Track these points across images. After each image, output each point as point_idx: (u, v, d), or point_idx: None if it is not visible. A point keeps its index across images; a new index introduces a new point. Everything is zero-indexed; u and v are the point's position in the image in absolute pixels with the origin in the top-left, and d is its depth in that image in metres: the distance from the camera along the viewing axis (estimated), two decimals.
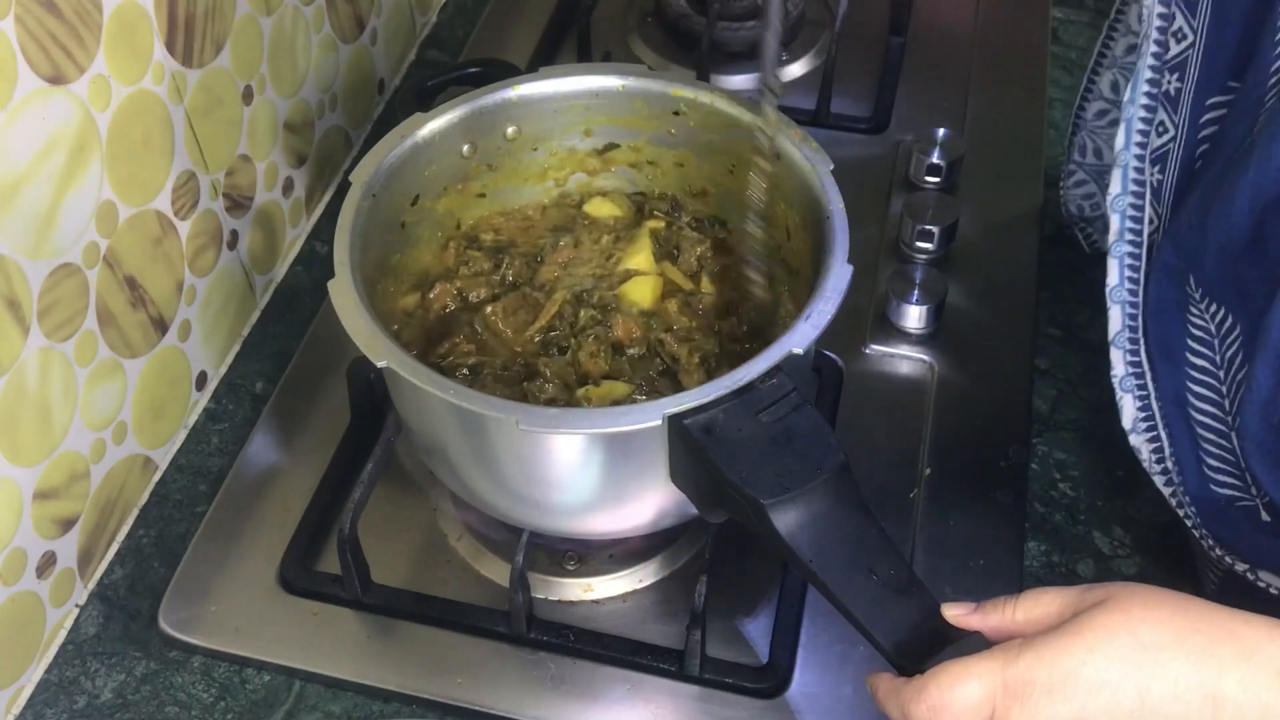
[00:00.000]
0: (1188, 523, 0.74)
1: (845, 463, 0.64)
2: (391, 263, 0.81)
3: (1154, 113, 0.75)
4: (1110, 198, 0.76)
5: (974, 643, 0.59)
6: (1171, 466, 0.75)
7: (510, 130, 0.85)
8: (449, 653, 0.77)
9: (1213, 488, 0.71)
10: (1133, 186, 0.76)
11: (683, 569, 0.80)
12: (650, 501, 0.72)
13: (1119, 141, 0.76)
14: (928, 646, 0.60)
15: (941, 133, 1.01)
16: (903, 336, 0.92)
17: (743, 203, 0.84)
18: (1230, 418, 0.70)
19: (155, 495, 0.86)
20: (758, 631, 0.77)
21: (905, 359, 0.91)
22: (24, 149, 0.68)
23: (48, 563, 0.77)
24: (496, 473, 0.72)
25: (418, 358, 0.70)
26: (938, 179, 1.01)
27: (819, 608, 0.77)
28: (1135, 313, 0.76)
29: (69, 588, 0.79)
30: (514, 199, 0.88)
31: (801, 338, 0.68)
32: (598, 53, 1.13)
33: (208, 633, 0.78)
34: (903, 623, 0.61)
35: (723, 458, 0.64)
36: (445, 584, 0.80)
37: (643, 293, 0.81)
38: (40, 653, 0.78)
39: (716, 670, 0.75)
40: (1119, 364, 0.76)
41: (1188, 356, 0.73)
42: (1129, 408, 0.76)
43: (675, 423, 0.65)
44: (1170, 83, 0.74)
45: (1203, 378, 0.72)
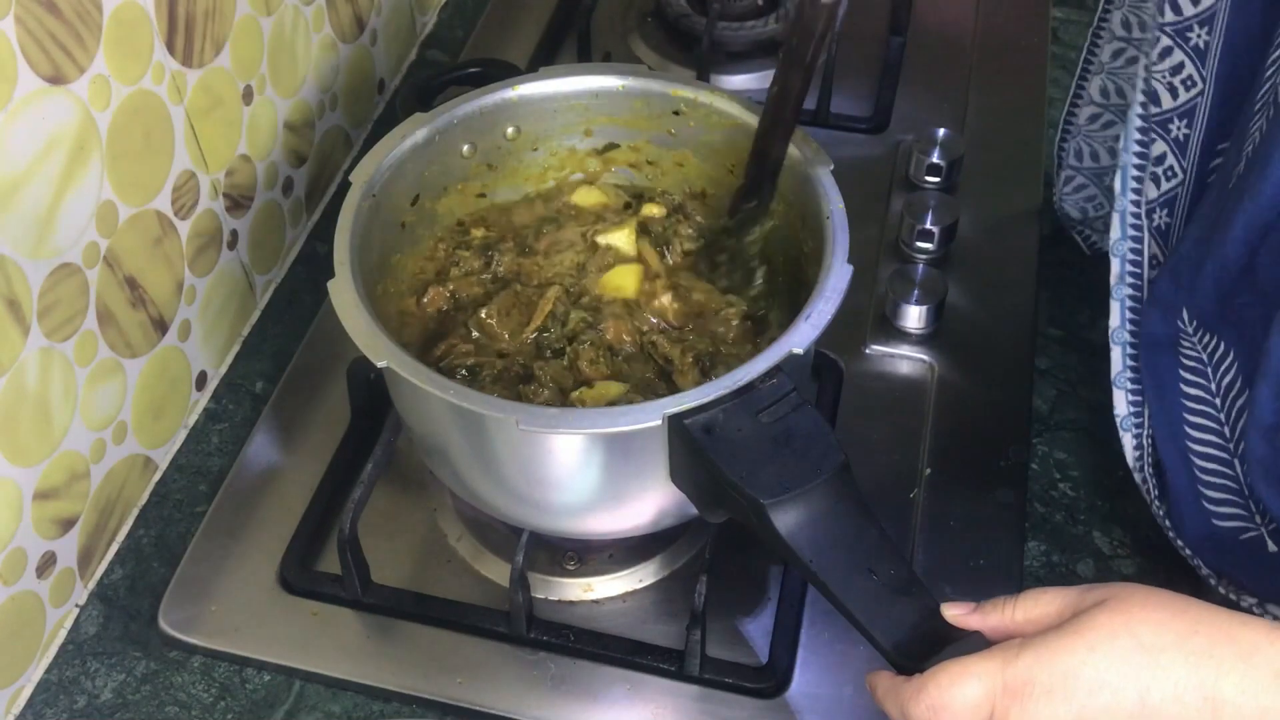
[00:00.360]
0: (1191, 559, 0.74)
1: (845, 463, 0.64)
2: (391, 263, 0.81)
3: (1146, 159, 0.76)
4: (1111, 242, 0.78)
5: (973, 642, 0.59)
6: (1159, 509, 0.75)
7: (510, 130, 0.85)
8: (449, 653, 0.77)
9: (1215, 522, 0.72)
10: (1131, 231, 0.77)
11: (683, 569, 0.80)
12: (650, 501, 0.72)
13: (1117, 186, 0.77)
14: (927, 646, 0.60)
15: (941, 133, 1.01)
16: (903, 336, 0.92)
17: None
18: (1232, 445, 0.70)
19: (155, 495, 0.86)
20: (758, 631, 0.77)
21: (905, 359, 0.91)
22: (24, 149, 0.68)
23: (48, 563, 0.77)
24: (496, 473, 0.72)
25: (417, 359, 0.70)
26: (938, 179, 1.01)
27: (819, 608, 0.77)
28: (1137, 353, 0.77)
29: (69, 588, 0.79)
30: (515, 199, 0.88)
31: (801, 338, 0.68)
32: (598, 53, 1.13)
33: (208, 633, 0.78)
34: (902, 622, 0.61)
35: (723, 458, 0.64)
36: (445, 584, 0.80)
37: (625, 280, 0.81)
38: (40, 653, 0.78)
39: (716, 670, 0.75)
40: (1121, 404, 0.78)
41: (1182, 388, 0.73)
42: (1129, 446, 0.78)
43: (675, 423, 0.65)
44: (1179, 129, 0.75)
45: (1200, 408, 0.73)
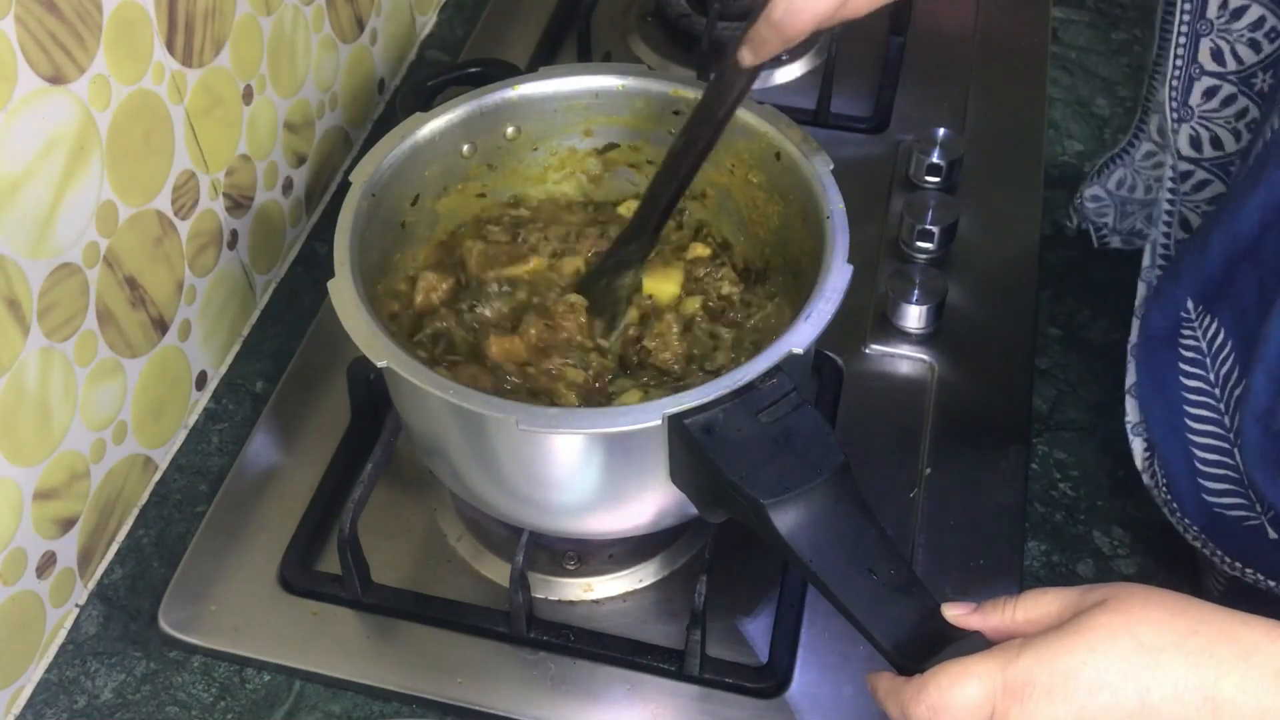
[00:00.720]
0: (1202, 549, 0.74)
1: (845, 463, 0.64)
2: (392, 263, 0.81)
3: (1176, 195, 0.79)
4: (1143, 267, 0.81)
5: (974, 643, 0.59)
6: (1167, 502, 0.76)
7: (510, 130, 0.85)
8: (449, 652, 0.77)
9: (1217, 511, 0.72)
10: (1160, 262, 0.80)
11: (683, 569, 0.80)
12: (650, 501, 0.72)
13: (1154, 215, 0.80)
14: (927, 646, 0.60)
15: (941, 132, 1.01)
16: (903, 336, 0.92)
17: (741, 203, 0.85)
18: (1231, 434, 0.71)
19: (155, 495, 0.86)
20: (758, 631, 0.77)
21: (905, 359, 0.91)
22: (24, 149, 0.68)
23: (48, 562, 0.77)
24: (496, 473, 0.72)
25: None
26: (938, 179, 1.01)
27: (819, 608, 0.77)
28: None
29: (69, 587, 0.79)
30: (572, 198, 0.89)
31: (802, 337, 0.68)
32: (598, 53, 1.13)
33: (208, 633, 0.78)
34: (902, 622, 0.61)
35: (723, 458, 0.64)
36: (445, 584, 0.80)
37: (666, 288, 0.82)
38: (40, 652, 0.78)
39: (716, 670, 0.75)
40: (1133, 412, 0.79)
41: (1181, 380, 0.74)
42: (1139, 450, 0.78)
43: (675, 423, 0.65)
44: (1238, 166, 0.77)
45: (1199, 399, 0.73)
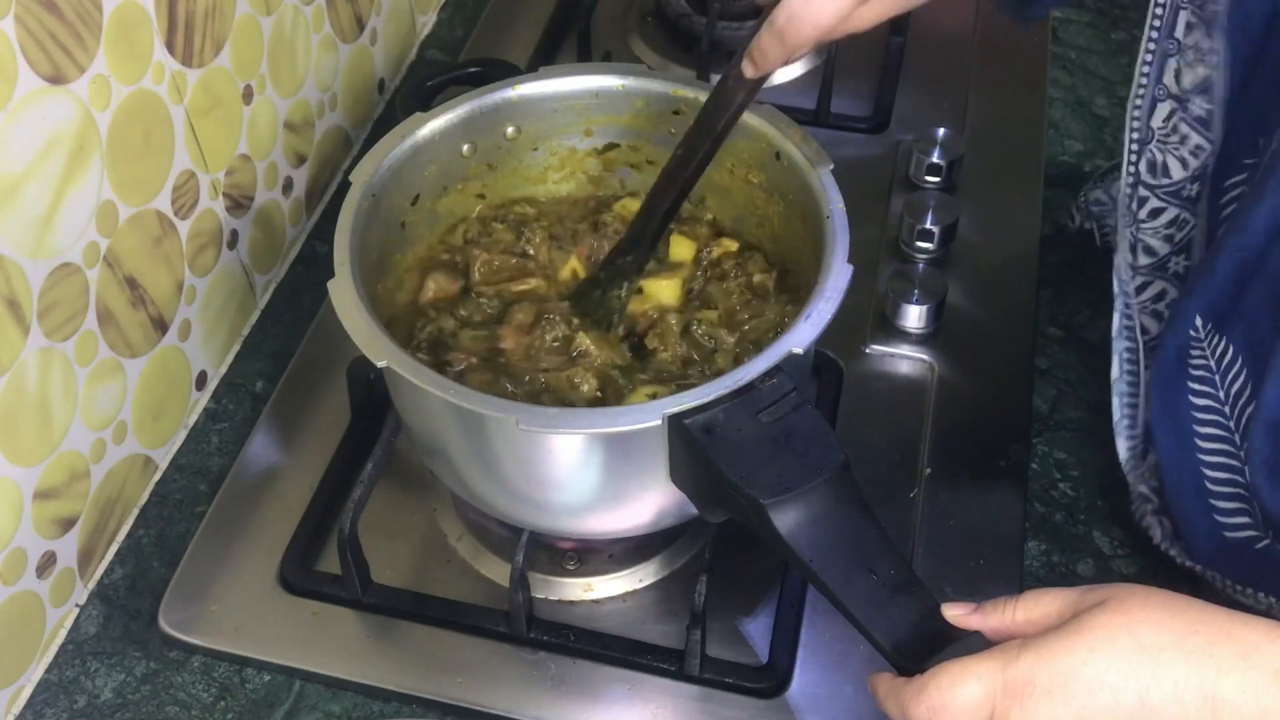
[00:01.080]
0: (1179, 562, 0.75)
1: (845, 462, 0.64)
2: (392, 263, 0.81)
3: (1132, 221, 0.80)
4: (1114, 294, 0.81)
5: (974, 643, 0.59)
6: (1169, 534, 0.76)
7: (510, 130, 0.85)
8: (449, 652, 0.77)
9: (1227, 534, 0.72)
10: (1125, 322, 0.81)
11: (683, 569, 0.80)
12: (650, 501, 0.72)
13: (1118, 241, 0.81)
14: (927, 646, 0.60)
15: (941, 132, 1.01)
16: (903, 336, 0.92)
17: (741, 202, 0.85)
18: (1242, 453, 0.71)
19: (155, 495, 0.86)
20: (758, 631, 0.77)
21: (905, 359, 0.91)
22: (24, 149, 0.68)
23: (48, 562, 0.77)
24: (496, 472, 0.72)
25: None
26: (938, 179, 1.01)
27: (819, 607, 0.77)
28: (1134, 400, 0.80)
29: (69, 587, 0.79)
30: (571, 194, 0.89)
31: (801, 337, 0.68)
32: (598, 53, 1.13)
33: (208, 632, 0.78)
34: (902, 622, 0.61)
35: (723, 457, 0.64)
36: (445, 584, 0.80)
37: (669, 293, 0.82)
38: (40, 652, 0.78)
39: (716, 670, 0.75)
40: (1122, 449, 0.80)
41: (1190, 399, 0.74)
42: (1123, 448, 0.79)
43: (675, 422, 0.65)
44: (1189, 190, 0.77)
45: (1209, 418, 0.73)
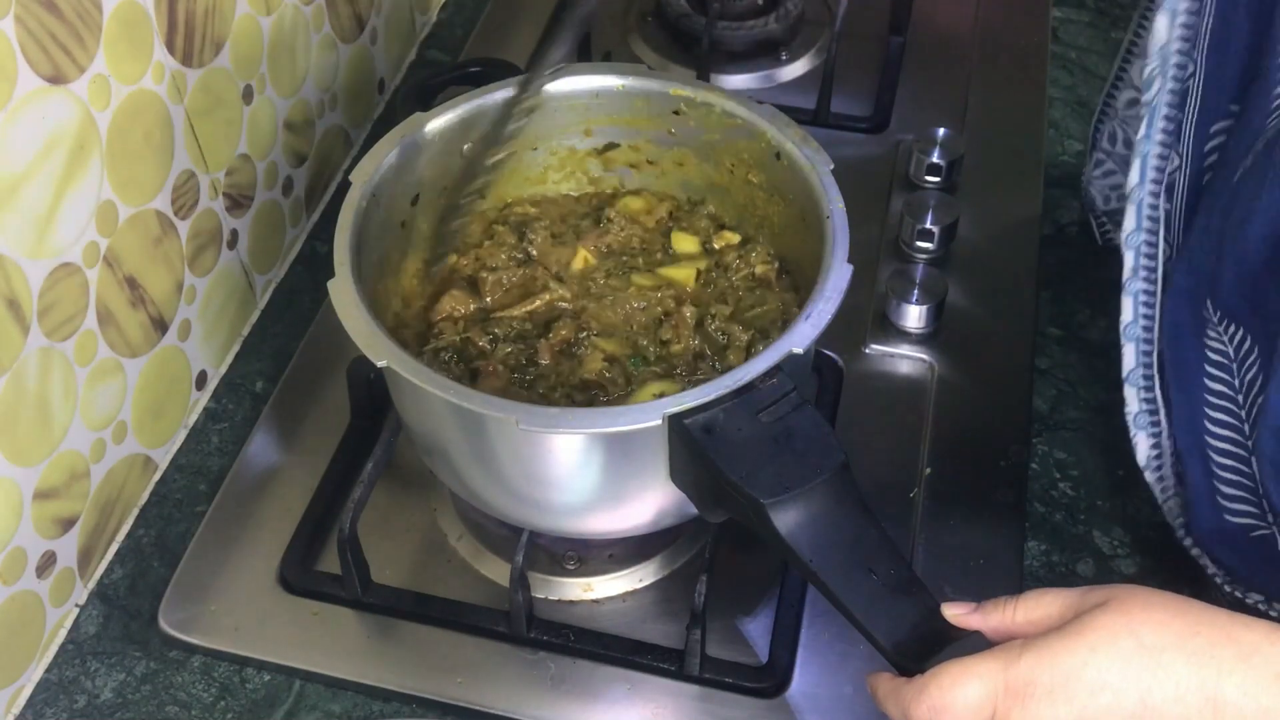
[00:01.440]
0: (1199, 558, 0.74)
1: (845, 462, 0.64)
2: (392, 262, 0.81)
3: (1169, 148, 0.74)
4: (1125, 234, 0.76)
5: (974, 642, 0.59)
6: (1175, 506, 0.75)
7: (510, 129, 0.84)
8: (449, 652, 0.77)
9: (1227, 517, 0.72)
10: (1147, 224, 0.76)
11: (683, 569, 0.80)
12: (650, 501, 0.72)
13: (1133, 177, 0.75)
14: (927, 646, 0.60)
15: (941, 132, 1.01)
16: (903, 336, 0.92)
17: (741, 202, 0.85)
18: (1249, 442, 0.70)
19: (155, 495, 0.86)
20: (758, 631, 0.77)
21: (905, 359, 0.91)
22: (24, 149, 0.68)
23: (48, 562, 0.77)
24: (496, 472, 0.72)
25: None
26: (938, 178, 1.01)
27: (819, 607, 0.77)
28: (1150, 349, 0.76)
29: (69, 587, 0.79)
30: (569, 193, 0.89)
31: (801, 337, 0.68)
32: (598, 52, 1.13)
33: (208, 632, 0.78)
34: (902, 622, 0.61)
35: (723, 457, 0.64)
36: (445, 584, 0.80)
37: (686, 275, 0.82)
38: (40, 652, 0.78)
39: (716, 670, 0.75)
40: (1133, 401, 0.77)
41: (1205, 382, 0.73)
42: (1143, 445, 0.77)
43: (675, 422, 0.65)
44: (1175, 115, 0.74)
45: (1221, 403, 0.72)
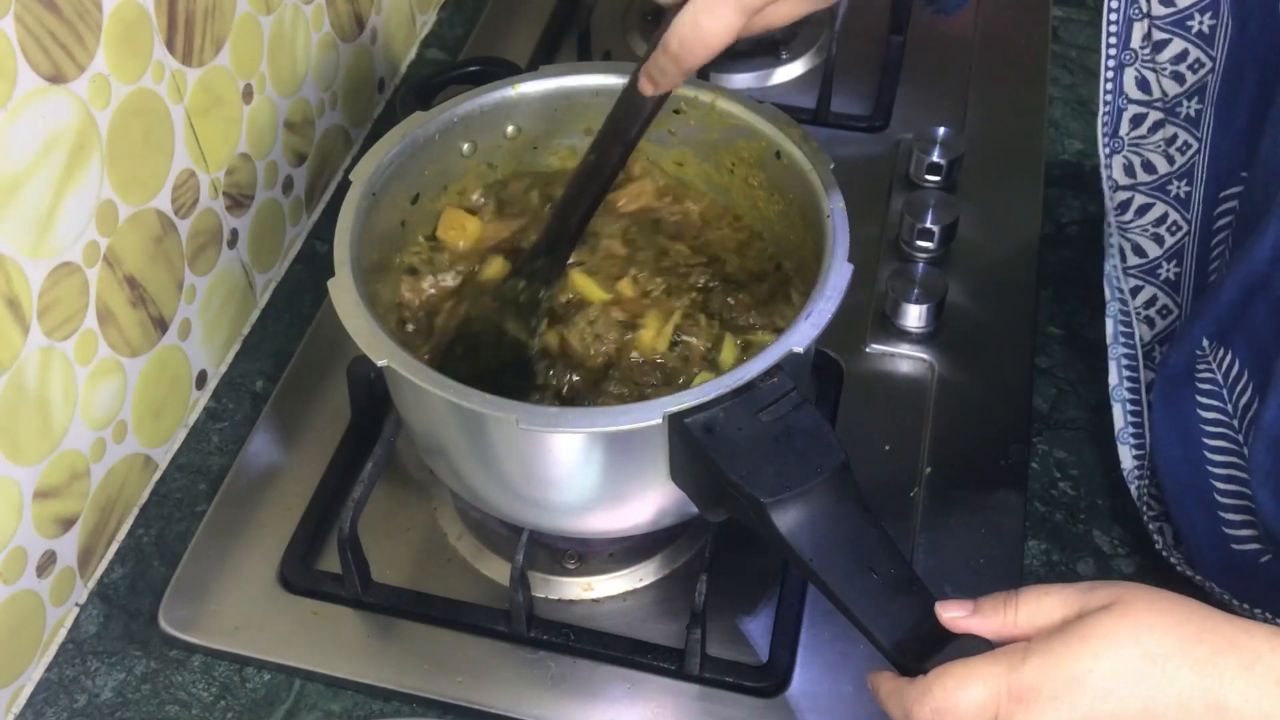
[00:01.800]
0: (1183, 570, 0.75)
1: (845, 462, 0.64)
2: (392, 262, 0.81)
3: (1111, 226, 0.81)
4: (1107, 300, 0.81)
5: (975, 642, 0.59)
6: (1170, 542, 0.76)
7: (510, 129, 0.84)
8: (449, 652, 0.77)
9: (1234, 546, 0.72)
10: (1118, 294, 0.81)
11: (683, 568, 0.80)
12: (650, 500, 0.72)
13: (1106, 246, 0.80)
14: (928, 645, 0.60)
15: (942, 131, 1.01)
16: (903, 335, 0.92)
17: (741, 202, 0.85)
18: (1249, 464, 0.70)
19: (155, 494, 0.86)
20: (758, 630, 0.77)
21: (905, 358, 0.91)
22: (24, 148, 0.68)
23: (48, 562, 0.77)
24: (496, 472, 0.72)
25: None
26: (938, 178, 1.01)
27: (819, 607, 0.77)
28: (1139, 409, 0.80)
29: (69, 587, 0.79)
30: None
31: (802, 337, 0.68)
32: (598, 52, 1.13)
33: (208, 632, 0.78)
34: (903, 622, 0.61)
35: (723, 457, 0.64)
36: (445, 583, 0.80)
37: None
38: (40, 651, 0.78)
39: (716, 669, 0.75)
40: (1126, 459, 0.80)
41: (1199, 413, 0.74)
42: (1127, 457, 0.79)
43: (675, 422, 0.65)
44: (1180, 188, 0.77)
45: (1217, 430, 0.73)
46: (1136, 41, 0.76)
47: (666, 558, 0.80)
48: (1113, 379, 0.81)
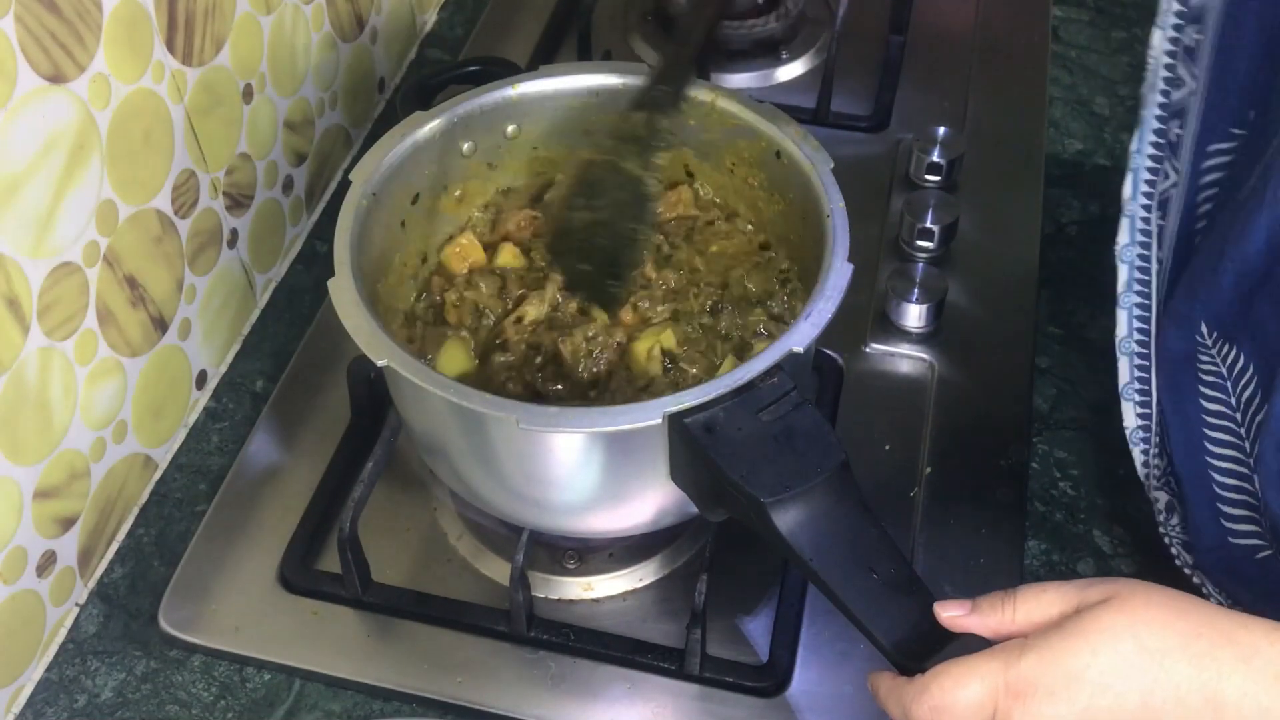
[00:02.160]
0: (1191, 577, 0.74)
1: (845, 461, 0.64)
2: (392, 261, 0.81)
3: (1161, 162, 0.75)
4: (1119, 247, 0.77)
5: (974, 641, 0.59)
6: (1175, 523, 0.75)
7: (510, 129, 0.84)
8: (449, 651, 0.77)
9: (1231, 540, 0.72)
10: (1140, 236, 0.76)
11: (683, 568, 0.80)
12: (650, 500, 0.72)
13: (1126, 190, 0.75)
14: (928, 645, 0.60)
15: (942, 131, 1.01)
16: (903, 335, 0.92)
17: (741, 201, 0.85)
18: (1252, 460, 0.70)
19: (155, 494, 0.86)
20: (758, 630, 0.77)
21: (905, 358, 0.91)
22: (24, 148, 0.68)
23: (48, 561, 0.77)
24: (497, 471, 0.72)
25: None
26: (938, 178, 1.01)
27: (819, 606, 0.77)
28: (1146, 364, 0.77)
29: (69, 586, 0.79)
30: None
31: (802, 336, 0.68)
32: (598, 51, 1.13)
33: (208, 632, 0.78)
34: (903, 621, 0.61)
35: (723, 457, 0.64)
36: (445, 583, 0.80)
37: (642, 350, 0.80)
38: (41, 651, 0.78)
39: (716, 669, 0.75)
40: (1130, 415, 0.77)
41: (1202, 404, 0.73)
42: (1139, 459, 0.77)
43: (675, 421, 0.65)
44: (1172, 130, 0.74)
45: (1220, 423, 0.72)
46: None
47: (666, 558, 0.80)
48: (1124, 377, 0.78)
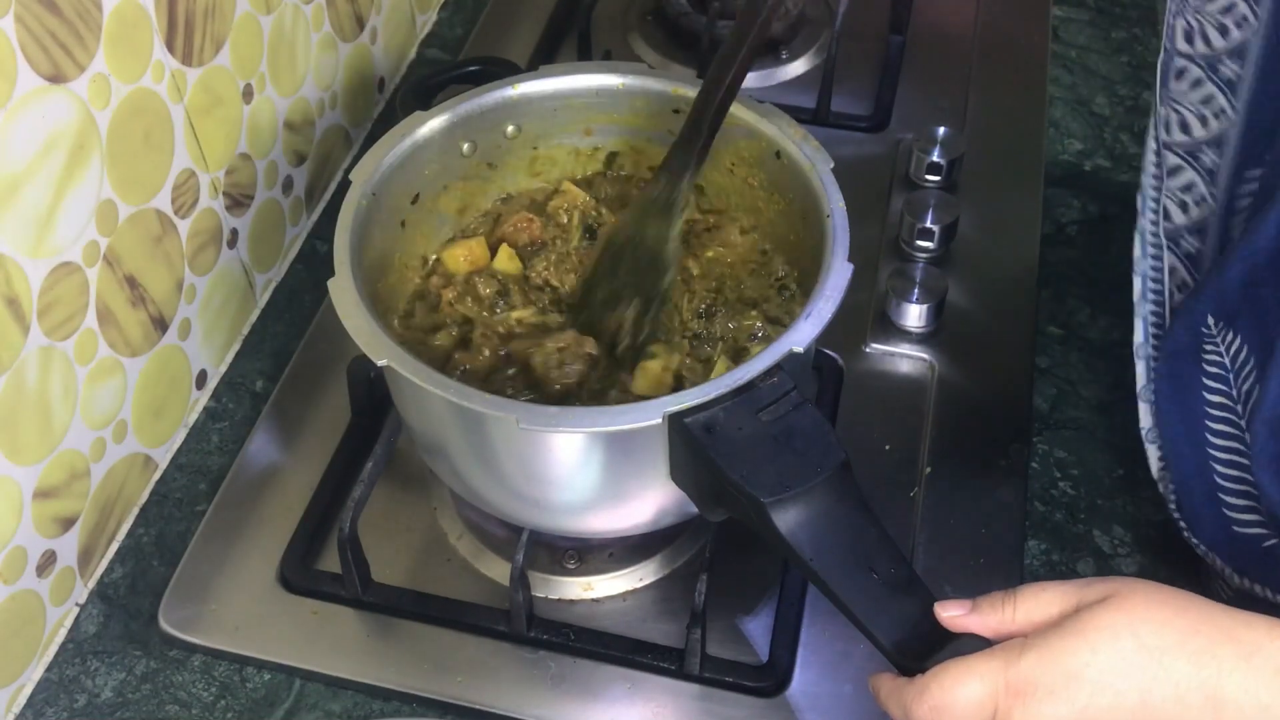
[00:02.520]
0: (1205, 555, 0.74)
1: (845, 461, 0.64)
2: (392, 261, 0.81)
3: (1161, 180, 0.77)
4: (1134, 259, 0.78)
5: (974, 641, 0.59)
6: (1176, 514, 0.75)
7: (510, 129, 0.84)
8: (449, 651, 0.77)
9: (1235, 529, 0.72)
10: (1150, 250, 0.78)
11: (683, 568, 0.80)
12: (650, 500, 0.72)
13: (1139, 204, 0.77)
14: (928, 645, 0.60)
15: (942, 131, 1.01)
16: (903, 335, 0.92)
17: (741, 201, 0.85)
18: (1251, 449, 0.70)
19: (155, 494, 0.86)
20: (758, 630, 0.77)
21: (905, 358, 0.91)
22: (24, 148, 0.68)
23: (48, 561, 0.77)
24: (497, 471, 0.72)
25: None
26: (938, 177, 1.01)
27: (819, 606, 0.77)
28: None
29: (69, 586, 0.79)
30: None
31: (802, 336, 0.68)
32: (598, 51, 1.13)
33: (208, 632, 0.78)
34: (903, 621, 0.61)
35: (723, 456, 0.64)
36: (445, 583, 0.80)
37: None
38: (41, 651, 0.78)
39: (717, 669, 0.75)
40: (1145, 417, 0.77)
41: (1204, 395, 0.73)
42: (1154, 456, 0.77)
43: (675, 421, 0.65)
44: (1210, 157, 0.75)
45: (1221, 413, 0.72)
46: None
47: (666, 558, 0.80)
48: (1141, 379, 0.79)
